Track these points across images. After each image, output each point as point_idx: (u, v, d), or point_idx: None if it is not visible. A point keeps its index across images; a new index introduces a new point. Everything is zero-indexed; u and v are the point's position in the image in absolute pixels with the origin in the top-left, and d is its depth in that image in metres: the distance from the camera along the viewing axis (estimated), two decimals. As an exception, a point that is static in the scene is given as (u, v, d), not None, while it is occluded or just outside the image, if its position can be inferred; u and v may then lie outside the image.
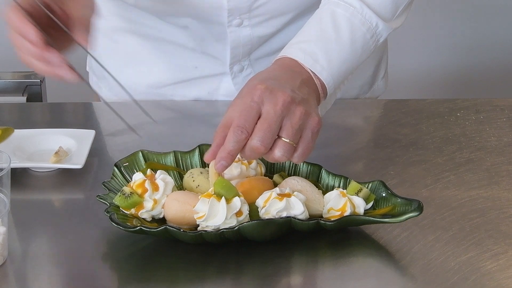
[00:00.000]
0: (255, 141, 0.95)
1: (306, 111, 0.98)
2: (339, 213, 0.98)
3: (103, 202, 0.99)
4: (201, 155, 1.09)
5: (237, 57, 1.31)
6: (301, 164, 1.07)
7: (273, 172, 1.07)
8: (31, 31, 0.99)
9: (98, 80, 1.43)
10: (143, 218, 0.99)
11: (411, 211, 0.96)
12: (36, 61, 1.01)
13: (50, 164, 1.13)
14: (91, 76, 1.46)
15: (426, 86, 2.58)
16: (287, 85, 1.00)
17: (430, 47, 2.55)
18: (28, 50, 1.01)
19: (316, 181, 1.05)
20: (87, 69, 1.49)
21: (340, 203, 0.98)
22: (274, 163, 1.08)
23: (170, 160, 1.08)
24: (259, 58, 1.33)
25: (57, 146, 1.16)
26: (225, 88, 1.35)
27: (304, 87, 1.02)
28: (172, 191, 1.00)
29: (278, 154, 0.96)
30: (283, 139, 0.96)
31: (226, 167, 0.96)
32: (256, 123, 0.96)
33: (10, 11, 1.01)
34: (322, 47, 1.08)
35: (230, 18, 1.24)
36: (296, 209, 0.96)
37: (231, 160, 0.96)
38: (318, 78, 1.05)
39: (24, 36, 1.00)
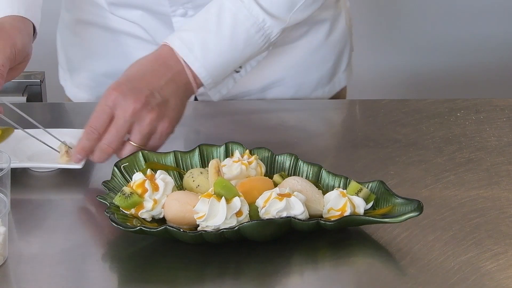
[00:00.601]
0: (103, 143, 1.06)
1: (158, 116, 1.06)
2: (339, 213, 0.98)
3: (103, 202, 0.99)
4: (201, 155, 1.09)
5: None
6: (301, 164, 1.07)
7: (273, 172, 1.07)
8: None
9: (64, 74, 1.45)
10: (143, 218, 0.99)
11: (411, 211, 0.96)
12: None
13: (50, 164, 1.13)
14: (59, 70, 1.47)
15: (426, 86, 2.57)
16: (146, 87, 1.07)
17: (430, 47, 2.55)
18: None
19: (316, 181, 1.05)
20: (61, 82, 1.49)
21: (340, 203, 0.98)
22: (274, 163, 1.08)
23: (170, 160, 1.08)
24: None
25: (57, 146, 1.16)
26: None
27: (170, 85, 1.09)
28: (172, 191, 1.00)
29: (124, 155, 1.07)
30: (131, 143, 1.07)
31: (80, 159, 1.08)
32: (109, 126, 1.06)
33: None
34: (200, 38, 1.12)
35: (173, 8, 1.26)
36: (296, 209, 0.96)
37: (84, 154, 1.08)
38: (190, 69, 1.10)
39: None
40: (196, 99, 1.36)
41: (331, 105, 1.35)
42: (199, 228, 0.96)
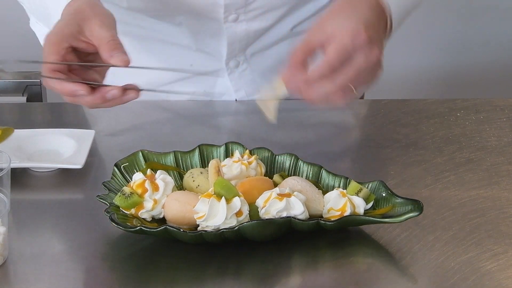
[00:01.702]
0: (335, 85, 0.96)
1: (379, 72, 0.99)
2: (339, 213, 0.98)
3: (103, 202, 0.99)
4: (201, 155, 1.09)
5: (234, 53, 1.31)
6: (301, 164, 1.07)
7: (273, 172, 1.07)
8: (82, 91, 1.01)
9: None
10: (143, 218, 0.99)
11: (411, 211, 0.96)
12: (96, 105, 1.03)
13: (50, 164, 1.13)
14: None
15: (426, 86, 2.57)
16: (379, 37, 0.99)
17: (430, 47, 2.55)
18: (89, 103, 1.03)
19: (316, 181, 1.05)
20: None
21: (340, 203, 0.98)
22: (274, 163, 1.08)
23: (170, 160, 1.08)
24: (254, 53, 1.33)
25: (57, 146, 1.16)
26: (221, 84, 1.35)
27: (384, 30, 1.02)
28: (172, 191, 1.00)
29: (342, 102, 0.98)
30: (354, 91, 0.97)
31: (298, 91, 0.98)
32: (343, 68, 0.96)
33: (54, 82, 1.02)
34: None
35: (226, 14, 1.24)
36: (296, 209, 0.96)
37: (304, 88, 0.97)
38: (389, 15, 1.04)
39: (78, 96, 1.02)
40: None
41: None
42: (199, 228, 0.96)
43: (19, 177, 1.11)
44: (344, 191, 1.00)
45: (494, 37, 2.55)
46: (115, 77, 1.20)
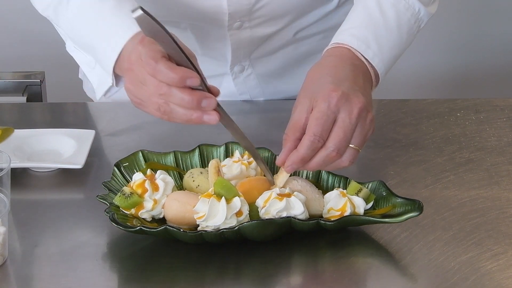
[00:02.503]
0: (331, 150, 0.96)
1: (372, 115, 0.99)
2: (339, 213, 0.98)
3: (103, 202, 0.99)
4: (201, 155, 1.09)
5: (238, 58, 1.31)
6: (301, 164, 1.07)
7: (273, 172, 1.07)
8: (193, 74, 0.93)
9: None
10: (143, 218, 0.99)
11: (411, 211, 0.96)
12: (183, 108, 0.95)
13: (50, 164, 1.13)
14: (86, 82, 1.46)
15: (426, 86, 2.57)
16: (358, 88, 0.99)
17: (430, 47, 2.55)
18: (179, 97, 0.94)
19: (316, 181, 1.05)
20: (80, 76, 1.48)
21: (340, 203, 0.98)
22: (274, 163, 1.08)
23: (170, 160, 1.08)
24: (259, 57, 1.33)
25: (57, 146, 1.16)
26: (226, 89, 1.35)
27: (367, 83, 1.03)
28: (172, 191, 1.00)
29: (346, 162, 0.98)
30: (352, 146, 0.97)
31: (295, 170, 0.98)
32: (331, 131, 0.96)
33: (158, 61, 0.94)
34: (372, 32, 1.08)
35: (230, 22, 1.24)
36: (296, 209, 0.96)
37: (302, 165, 0.97)
38: (371, 65, 1.06)
39: (183, 81, 0.93)
40: None
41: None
42: (199, 228, 0.96)
43: (19, 177, 1.11)
44: (344, 191, 1.00)
45: (494, 37, 2.55)
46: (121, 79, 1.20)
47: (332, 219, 0.97)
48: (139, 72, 0.97)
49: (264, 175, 1.03)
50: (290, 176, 1.04)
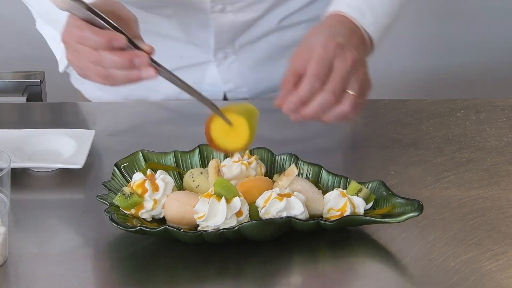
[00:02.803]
0: (328, 93, 0.99)
1: (366, 72, 1.03)
2: (339, 213, 0.98)
3: (103, 202, 0.99)
4: (201, 155, 1.09)
5: (221, 44, 1.31)
6: (301, 164, 1.07)
7: (273, 172, 1.07)
8: (118, 36, 0.98)
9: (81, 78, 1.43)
10: (143, 218, 0.99)
11: (411, 211, 0.96)
12: (119, 70, 1.00)
13: (50, 164, 1.13)
14: (74, 74, 1.45)
15: (426, 86, 2.57)
16: (351, 44, 1.03)
17: (430, 47, 2.55)
18: (111, 59, 0.99)
19: (316, 181, 1.05)
20: (66, 70, 1.48)
21: (340, 203, 0.98)
22: (274, 163, 1.08)
23: (170, 160, 1.08)
24: (243, 45, 1.33)
25: (57, 146, 1.16)
26: (211, 77, 1.35)
27: (361, 46, 1.06)
28: (172, 191, 1.00)
29: (346, 107, 1.01)
30: (350, 92, 1.00)
31: (294, 111, 1.00)
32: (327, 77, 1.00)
33: (83, 28, 0.99)
34: (366, 2, 1.11)
35: (212, 4, 1.25)
36: (296, 209, 0.96)
37: (301, 105, 1.00)
38: (366, 33, 1.08)
39: (109, 43, 0.98)
40: (225, 98, 1.37)
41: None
42: (199, 228, 0.96)
43: (19, 177, 1.11)
44: (344, 191, 1.00)
45: (495, 37, 2.55)
46: None
47: (332, 219, 0.97)
48: (71, 43, 1.01)
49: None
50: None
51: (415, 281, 0.93)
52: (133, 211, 0.98)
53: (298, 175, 1.04)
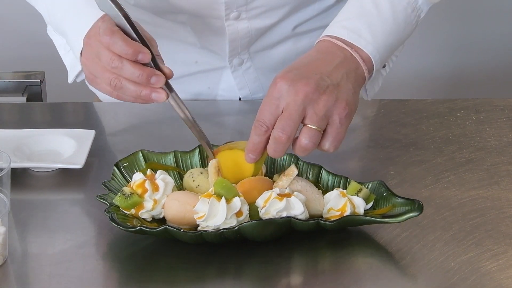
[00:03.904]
0: (277, 131, 0.97)
1: (331, 98, 0.98)
2: (339, 213, 0.98)
3: (103, 202, 0.99)
4: (201, 155, 1.09)
5: (236, 50, 1.31)
6: (301, 164, 1.07)
7: (273, 172, 1.07)
8: (145, 50, 0.99)
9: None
10: (143, 218, 0.99)
11: (411, 211, 0.96)
12: (132, 84, 1.00)
13: (50, 164, 1.13)
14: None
15: (426, 86, 2.57)
16: (314, 73, 1.00)
17: (430, 47, 2.55)
18: (131, 70, 0.99)
19: (316, 181, 1.05)
20: (76, 80, 1.48)
21: (340, 203, 0.98)
22: (274, 163, 1.08)
23: (170, 160, 1.08)
24: (258, 51, 1.33)
25: (57, 146, 1.16)
26: (226, 82, 1.35)
27: (339, 69, 1.02)
28: (172, 191, 1.00)
29: (304, 141, 0.97)
30: (308, 125, 0.97)
31: (254, 159, 1.00)
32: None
33: (114, 34, 0.99)
34: (364, 22, 1.09)
35: (227, 12, 1.24)
36: (296, 209, 0.96)
37: (256, 153, 0.99)
38: (362, 52, 1.06)
39: (135, 55, 0.98)
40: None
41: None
42: (199, 228, 0.96)
43: (19, 177, 1.11)
44: (344, 191, 1.00)
45: (494, 37, 2.55)
46: None
47: (332, 219, 0.97)
48: (95, 46, 1.01)
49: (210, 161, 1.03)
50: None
51: (415, 281, 0.93)
52: (133, 211, 0.98)
53: (298, 175, 1.04)
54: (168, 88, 1.01)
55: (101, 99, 1.43)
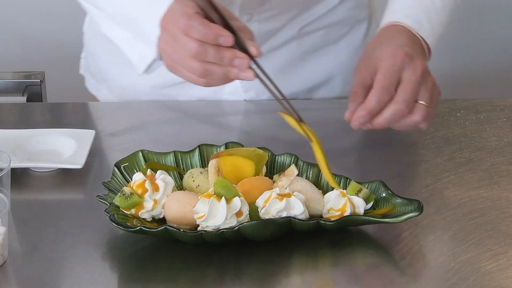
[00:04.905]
0: (400, 104, 0.99)
1: (434, 80, 1.04)
2: (339, 213, 0.98)
3: (103, 202, 0.99)
4: (201, 155, 1.09)
5: None
6: (301, 164, 1.07)
7: (273, 172, 1.07)
8: (227, 33, 0.95)
9: (97, 83, 1.43)
10: (143, 218, 0.99)
11: (411, 211, 0.96)
12: (218, 67, 0.97)
13: (50, 164, 1.13)
14: (89, 79, 1.45)
15: (426, 86, 2.57)
16: (417, 53, 1.05)
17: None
18: (214, 54, 0.96)
19: (316, 181, 1.05)
20: (81, 71, 1.48)
21: (340, 203, 0.98)
22: (274, 163, 1.08)
23: (170, 160, 1.08)
24: (265, 53, 1.32)
25: (57, 146, 1.16)
26: (231, 85, 1.34)
27: (423, 56, 1.08)
28: (172, 191, 1.00)
29: (418, 117, 1.02)
30: (422, 103, 1.01)
31: (363, 125, 1.01)
32: (397, 88, 1.01)
33: (191, 17, 0.95)
34: (423, 13, 1.13)
35: (240, 14, 1.24)
36: (296, 209, 0.96)
37: (370, 119, 1.01)
38: (425, 42, 1.10)
39: (216, 39, 0.95)
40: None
41: (332, 105, 1.35)
42: (199, 228, 0.96)
43: (19, 177, 1.11)
44: (344, 191, 1.00)
45: (495, 37, 2.55)
46: (121, 76, 1.18)
47: (332, 219, 0.97)
48: (172, 30, 0.97)
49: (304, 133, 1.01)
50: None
51: (415, 281, 0.93)
52: (133, 211, 0.98)
53: (298, 175, 1.04)
54: (258, 66, 0.98)
55: (100, 100, 1.43)
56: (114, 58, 1.35)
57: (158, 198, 0.98)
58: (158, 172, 1.02)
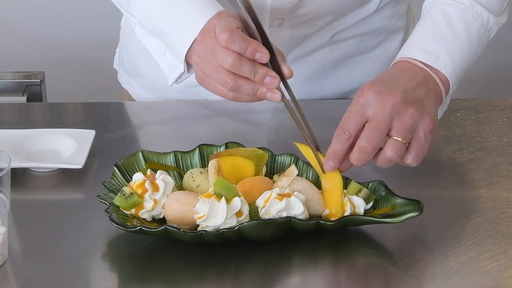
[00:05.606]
0: (362, 141, 0.96)
1: (417, 111, 0.98)
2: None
3: (103, 202, 0.99)
4: (201, 155, 1.09)
5: None
6: (301, 164, 1.07)
7: (273, 172, 1.07)
8: (264, 50, 0.97)
9: (129, 77, 1.43)
10: (143, 218, 0.99)
11: (411, 211, 0.96)
12: (249, 83, 0.98)
13: (50, 164, 1.13)
14: (122, 73, 1.46)
15: (426, 86, 2.57)
16: (400, 86, 1.00)
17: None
18: (250, 68, 0.97)
19: (316, 181, 1.05)
20: (115, 66, 1.48)
21: (340, 203, 0.98)
22: (274, 163, 1.08)
23: (170, 160, 1.08)
24: (296, 58, 1.32)
25: (57, 146, 1.16)
26: None
27: (421, 88, 1.02)
28: (172, 191, 1.00)
29: (389, 153, 0.97)
30: (393, 137, 0.97)
31: (333, 167, 0.99)
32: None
33: (234, 32, 0.97)
34: (441, 44, 1.09)
35: (271, 19, 1.24)
36: (296, 209, 0.96)
37: (336, 160, 0.98)
38: (441, 74, 1.06)
39: (253, 53, 0.97)
40: None
41: (332, 105, 1.35)
42: (199, 228, 0.96)
43: (19, 177, 1.11)
44: (344, 191, 1.00)
45: (495, 37, 2.55)
46: (153, 74, 1.16)
47: (332, 219, 0.97)
48: (210, 43, 0.99)
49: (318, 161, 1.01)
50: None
51: (415, 281, 0.93)
52: (133, 211, 0.98)
53: (298, 175, 1.04)
54: (287, 87, 0.99)
55: (134, 99, 1.43)
56: (148, 55, 1.35)
57: (158, 198, 0.98)
58: (158, 172, 1.02)
